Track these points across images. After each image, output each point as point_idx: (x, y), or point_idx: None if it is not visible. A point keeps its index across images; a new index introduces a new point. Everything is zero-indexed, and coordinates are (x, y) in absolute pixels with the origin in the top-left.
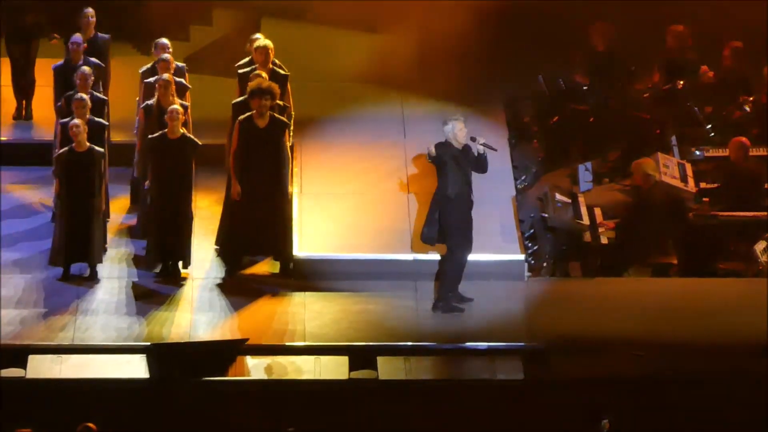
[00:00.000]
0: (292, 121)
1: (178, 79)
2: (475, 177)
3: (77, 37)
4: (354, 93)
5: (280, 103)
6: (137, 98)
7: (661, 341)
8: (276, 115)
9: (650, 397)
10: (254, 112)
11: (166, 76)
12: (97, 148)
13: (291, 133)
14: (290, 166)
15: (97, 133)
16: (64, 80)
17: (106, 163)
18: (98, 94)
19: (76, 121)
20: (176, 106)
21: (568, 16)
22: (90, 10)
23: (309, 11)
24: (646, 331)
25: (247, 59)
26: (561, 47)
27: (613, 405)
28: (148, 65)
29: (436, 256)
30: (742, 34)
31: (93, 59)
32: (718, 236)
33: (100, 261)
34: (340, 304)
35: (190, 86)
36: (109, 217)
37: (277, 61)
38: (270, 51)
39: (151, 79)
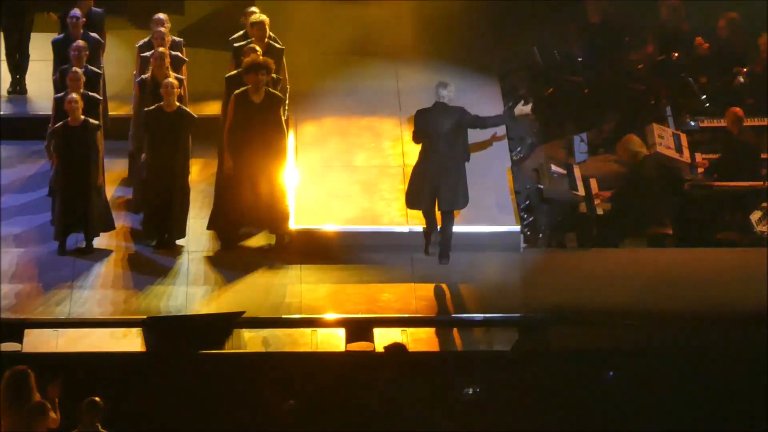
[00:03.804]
0: (287, 95)
1: (174, 52)
2: (474, 145)
3: (76, 11)
4: (349, 66)
5: (275, 76)
6: (134, 72)
7: (657, 311)
8: (271, 90)
9: (646, 367)
10: (250, 87)
11: (161, 49)
12: (91, 120)
13: (286, 107)
14: (286, 139)
15: (91, 107)
16: (63, 54)
17: (101, 136)
18: (93, 68)
19: (73, 95)
20: (171, 80)
21: None
22: None
23: None
24: (642, 302)
25: (241, 32)
26: (556, 19)
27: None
28: (145, 39)
29: None
30: (737, 5)
31: (93, 34)
32: (713, 206)
33: (97, 234)
34: (336, 276)
35: (186, 59)
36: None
37: (272, 35)
38: (266, 26)
39: (147, 53)
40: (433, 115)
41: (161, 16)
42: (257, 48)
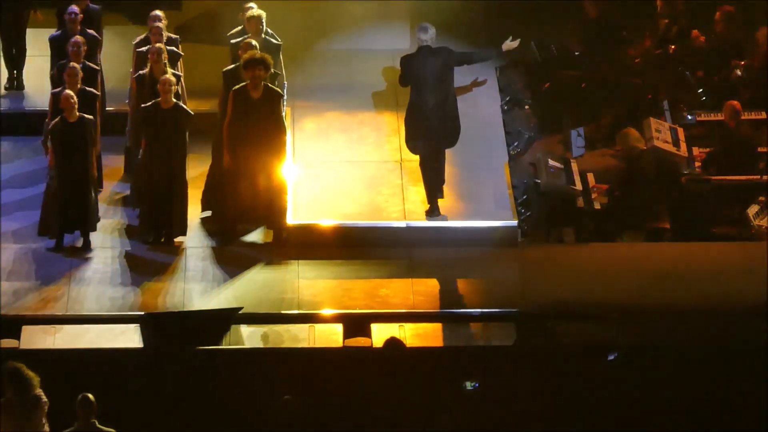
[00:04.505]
0: (284, 90)
1: (170, 47)
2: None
3: (74, 7)
4: (346, 61)
5: (273, 71)
6: (130, 69)
7: (655, 306)
8: (270, 85)
9: (643, 362)
10: (248, 82)
11: (158, 45)
12: (87, 116)
13: (284, 102)
14: (285, 135)
15: (88, 103)
16: (60, 50)
17: (97, 131)
18: (90, 64)
19: (69, 92)
20: (168, 76)
21: None
22: None
23: None
24: (640, 296)
25: (239, 28)
26: (553, 13)
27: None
28: (142, 36)
29: (430, 223)
30: None
31: (90, 30)
32: (711, 200)
33: (94, 229)
34: (333, 271)
35: (182, 53)
36: (102, 186)
37: (269, 30)
38: (262, 20)
39: (144, 49)
40: (420, 58)
41: (158, 12)
42: (254, 43)
